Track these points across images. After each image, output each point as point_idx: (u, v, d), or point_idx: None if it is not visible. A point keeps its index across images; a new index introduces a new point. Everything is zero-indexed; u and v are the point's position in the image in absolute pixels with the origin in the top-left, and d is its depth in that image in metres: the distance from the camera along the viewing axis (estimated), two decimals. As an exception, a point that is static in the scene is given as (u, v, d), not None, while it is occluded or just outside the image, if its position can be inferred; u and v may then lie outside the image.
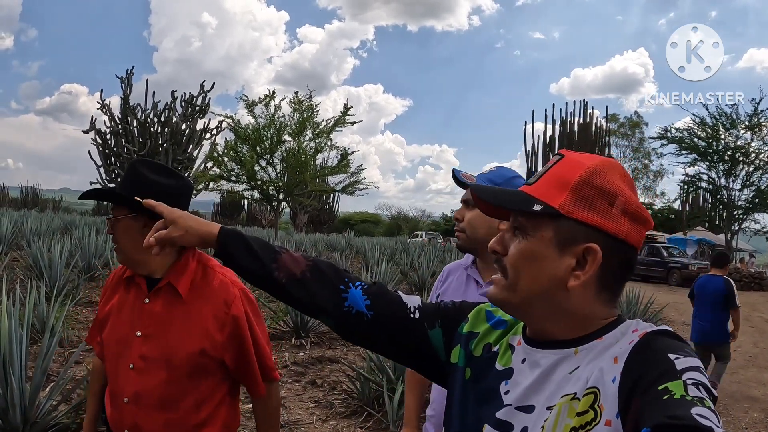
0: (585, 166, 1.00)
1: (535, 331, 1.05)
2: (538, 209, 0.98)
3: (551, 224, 0.98)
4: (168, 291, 1.89)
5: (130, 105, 16.68)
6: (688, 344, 0.90)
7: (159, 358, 1.83)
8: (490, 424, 1.02)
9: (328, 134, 27.00)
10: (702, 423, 0.71)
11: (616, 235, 0.97)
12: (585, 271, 0.96)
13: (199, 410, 1.87)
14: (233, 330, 1.87)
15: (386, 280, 11.69)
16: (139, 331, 1.86)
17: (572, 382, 0.94)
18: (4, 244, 13.37)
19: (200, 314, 1.86)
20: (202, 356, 1.84)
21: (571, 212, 0.97)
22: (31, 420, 3.93)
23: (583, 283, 0.97)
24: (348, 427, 5.02)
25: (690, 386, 0.78)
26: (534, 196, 1.00)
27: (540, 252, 0.98)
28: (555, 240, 0.98)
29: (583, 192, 0.98)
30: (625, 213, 0.98)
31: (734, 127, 34.76)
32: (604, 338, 0.96)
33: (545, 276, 0.98)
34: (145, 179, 1.88)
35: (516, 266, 1.00)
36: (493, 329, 1.16)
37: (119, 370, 1.89)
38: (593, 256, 0.96)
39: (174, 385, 1.83)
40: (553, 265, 0.98)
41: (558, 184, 1.00)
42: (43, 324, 6.32)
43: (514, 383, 1.03)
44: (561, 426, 0.90)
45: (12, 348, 3.89)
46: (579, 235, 0.97)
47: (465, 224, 2.04)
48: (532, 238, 0.99)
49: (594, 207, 0.97)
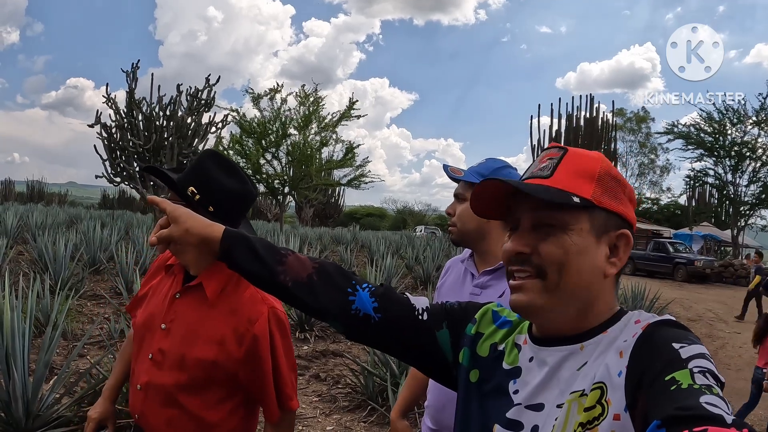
0: (599, 158, 1.04)
1: (542, 329, 1.04)
2: (577, 201, 0.98)
3: (585, 215, 0.99)
4: (198, 291, 1.83)
5: (136, 99, 16.65)
6: (692, 332, 0.89)
7: (174, 356, 1.80)
8: (500, 423, 1.02)
9: (333, 128, 27.02)
10: (712, 411, 0.70)
11: (631, 221, 1.04)
12: (620, 257, 1.01)
13: (206, 413, 1.82)
14: (251, 348, 1.78)
15: (391, 274, 11.69)
16: (164, 323, 1.84)
17: (580, 378, 0.93)
18: (10, 238, 13.40)
19: (222, 324, 1.80)
20: (214, 366, 1.78)
21: (602, 202, 1.00)
22: (34, 413, 3.94)
23: (616, 270, 1.01)
24: (351, 421, 5.02)
25: (697, 374, 0.77)
26: (565, 189, 0.99)
27: (582, 244, 0.99)
28: (592, 230, 0.99)
29: (606, 182, 1.02)
30: (631, 201, 1.05)
31: (741, 122, 34.67)
32: (609, 332, 0.96)
33: (588, 268, 0.99)
34: (206, 173, 1.85)
35: (560, 262, 0.98)
36: (499, 329, 1.15)
37: (140, 356, 1.89)
38: (626, 242, 1.01)
39: (182, 385, 1.79)
40: (594, 255, 0.99)
41: (582, 176, 1.01)
42: (47, 318, 6.34)
43: (522, 382, 1.03)
44: (572, 422, 0.90)
45: (14, 341, 3.90)
46: (610, 224, 1.00)
47: (456, 218, 2.03)
48: (571, 232, 0.98)
49: (615, 196, 1.02)
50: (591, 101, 28.10)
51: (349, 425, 4.94)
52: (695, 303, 16.07)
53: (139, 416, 1.86)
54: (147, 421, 1.85)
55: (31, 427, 3.89)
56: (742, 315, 13.93)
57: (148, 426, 1.85)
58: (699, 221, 37.72)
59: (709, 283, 24.87)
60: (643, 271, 26.08)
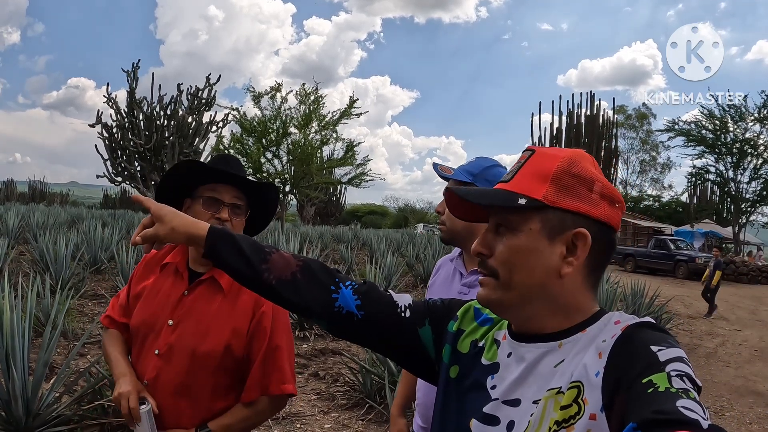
0: (560, 157, 1.03)
1: (520, 326, 1.05)
2: (523, 203, 0.99)
3: (537, 216, 0.99)
4: (209, 286, 1.92)
5: (137, 98, 16.68)
6: (671, 335, 0.90)
7: (184, 349, 1.85)
8: (477, 418, 1.03)
9: (334, 126, 27.01)
10: (688, 416, 0.71)
11: (600, 219, 1.00)
12: (577, 256, 0.98)
13: (214, 402, 1.89)
14: (256, 325, 1.89)
15: (392, 272, 11.70)
16: (171, 320, 1.89)
17: (557, 375, 0.94)
18: (11, 238, 13.43)
19: (234, 312, 1.89)
20: (226, 354, 1.86)
21: (556, 201, 0.99)
22: (34, 412, 3.96)
23: (575, 269, 0.99)
24: (349, 419, 5.04)
25: (674, 378, 0.78)
26: (515, 191, 1.01)
27: (530, 245, 0.99)
28: (544, 231, 0.99)
29: (564, 181, 1.00)
30: (603, 197, 1.01)
31: (743, 119, 34.61)
32: (588, 330, 0.97)
33: (539, 268, 0.99)
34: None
35: (508, 263, 1.00)
36: (480, 326, 1.16)
37: (143, 353, 1.92)
38: (583, 241, 0.98)
39: (194, 375, 1.85)
40: (544, 255, 0.99)
41: (537, 177, 1.01)
42: (48, 317, 6.37)
43: (500, 378, 1.04)
44: (547, 419, 0.90)
45: (14, 340, 3.92)
46: (566, 223, 0.99)
47: (445, 217, 2.06)
48: (520, 233, 1.00)
49: (575, 194, 1.00)
50: (592, 98, 28.11)
51: (347, 423, 4.96)
52: (696, 300, 16.03)
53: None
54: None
55: (31, 426, 3.90)
56: (710, 311, 13.74)
57: (156, 418, 1.88)
58: (700, 218, 37.72)
59: (711, 281, 24.83)
60: (644, 268, 26.07)
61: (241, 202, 1.94)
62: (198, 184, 1.93)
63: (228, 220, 1.89)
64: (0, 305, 3.99)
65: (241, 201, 1.94)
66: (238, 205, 1.93)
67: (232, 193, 1.92)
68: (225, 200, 1.90)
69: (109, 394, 4.28)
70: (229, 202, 1.91)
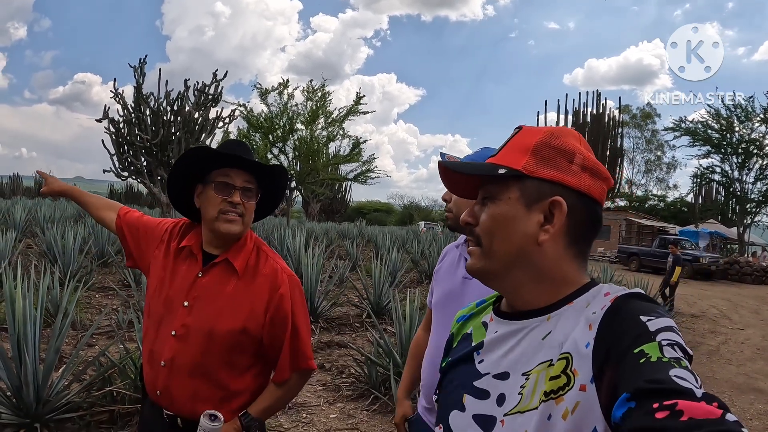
0: (542, 131, 1.07)
1: (511, 302, 1.08)
2: (502, 172, 1.03)
3: (516, 185, 1.02)
4: (223, 267, 1.98)
5: (143, 94, 16.70)
6: (661, 305, 0.91)
7: (201, 329, 1.91)
8: (468, 393, 1.06)
9: (340, 123, 27.04)
10: (682, 385, 0.71)
11: (579, 189, 1.02)
12: (553, 224, 1.00)
13: (230, 382, 1.96)
14: (277, 310, 1.95)
15: (397, 268, 11.74)
16: (186, 301, 1.95)
17: (546, 348, 0.95)
18: (18, 231, 13.52)
19: (250, 293, 1.95)
20: (243, 333, 1.92)
21: (534, 171, 1.02)
22: (44, 399, 4.02)
23: (553, 237, 1.01)
24: (354, 410, 5.10)
25: (665, 347, 0.78)
26: (498, 163, 1.05)
27: (509, 212, 1.02)
28: (522, 199, 1.02)
29: (543, 153, 1.03)
30: (585, 169, 1.03)
31: (749, 119, 34.54)
32: (574, 302, 0.98)
33: (517, 235, 1.01)
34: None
35: (488, 231, 1.04)
36: (477, 314, 1.21)
37: (160, 334, 1.98)
38: (559, 209, 1.00)
39: (209, 355, 1.91)
40: (522, 222, 1.01)
41: (519, 150, 1.05)
42: (56, 308, 6.44)
43: (487, 353, 1.07)
44: (539, 392, 0.91)
45: (26, 328, 3.99)
46: (544, 192, 1.01)
47: (452, 205, 2.15)
48: (500, 201, 1.03)
49: (554, 164, 1.02)
50: (598, 97, 28.10)
51: (353, 413, 5.02)
52: (699, 299, 16.08)
53: (162, 392, 1.95)
54: (170, 395, 1.94)
55: (41, 412, 3.96)
56: (670, 308, 13.54)
57: (171, 400, 1.95)
58: (705, 218, 37.63)
59: (714, 281, 24.84)
60: (648, 267, 26.06)
61: (251, 185, 1.99)
62: (209, 170, 1.98)
63: (240, 203, 1.94)
64: (12, 294, 4.06)
65: (252, 185, 1.99)
66: (249, 189, 1.98)
67: (243, 178, 1.96)
68: (237, 184, 1.95)
69: (118, 381, 4.36)
70: (241, 186, 1.95)
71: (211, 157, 1.98)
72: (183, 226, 2.12)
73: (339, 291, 10.13)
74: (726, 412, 0.67)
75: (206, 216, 1.97)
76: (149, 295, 2.07)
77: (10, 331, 4.00)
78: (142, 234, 2.18)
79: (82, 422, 4.11)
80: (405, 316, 5.72)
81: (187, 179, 2.04)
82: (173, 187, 2.09)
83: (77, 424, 4.10)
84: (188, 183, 2.04)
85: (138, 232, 2.19)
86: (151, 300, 2.06)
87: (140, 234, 2.18)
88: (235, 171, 1.96)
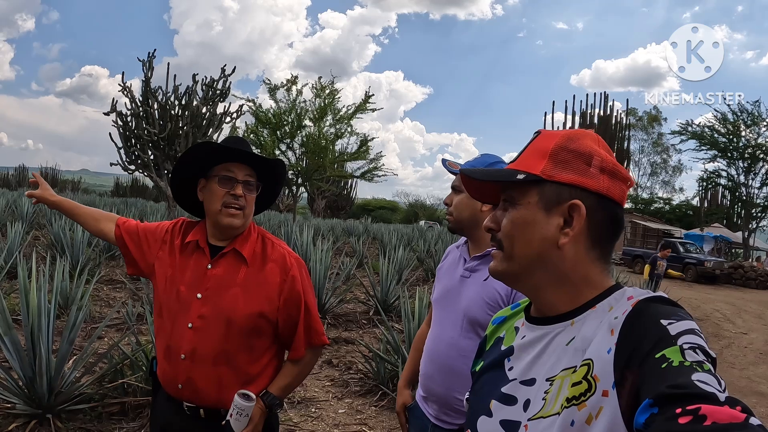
0: (560, 135, 1.09)
1: (537, 305, 1.10)
2: (521, 178, 1.05)
3: (535, 190, 1.05)
4: (231, 257, 2.08)
5: (151, 88, 16.72)
6: (683, 308, 0.90)
7: (219, 318, 2.00)
8: (496, 398, 1.08)
9: (348, 120, 27.03)
10: (704, 389, 0.71)
11: (598, 191, 1.03)
12: (572, 227, 1.02)
13: (250, 366, 2.05)
14: (290, 292, 2.06)
15: (403, 266, 11.77)
16: (199, 293, 2.03)
17: (570, 353, 0.96)
18: (26, 223, 13.57)
19: (262, 279, 2.05)
20: (260, 317, 2.02)
21: (552, 176, 1.04)
22: (56, 389, 4.07)
23: (573, 239, 1.02)
24: (362, 405, 5.15)
25: (687, 351, 0.78)
26: (517, 169, 1.08)
27: (528, 217, 1.04)
28: (541, 203, 1.04)
29: (561, 156, 1.05)
30: (603, 171, 1.04)
31: (755, 123, 34.48)
32: (597, 307, 0.99)
33: (537, 238, 1.03)
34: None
35: (509, 235, 1.06)
36: (511, 316, 1.23)
37: (176, 329, 2.04)
38: (578, 212, 1.01)
39: (230, 342, 2.00)
40: (542, 226, 1.03)
41: (537, 154, 1.08)
42: (67, 300, 6.49)
43: (516, 359, 1.09)
44: (561, 398, 0.92)
45: (40, 320, 4.03)
46: (563, 196, 1.03)
47: (453, 208, 2.24)
48: (519, 206, 1.06)
49: (572, 168, 1.04)
50: (605, 99, 28.08)
51: (360, 409, 5.06)
52: (703, 303, 16.07)
53: (184, 384, 2.02)
54: (194, 386, 2.01)
55: (54, 403, 4.01)
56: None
57: (195, 391, 2.01)
58: (710, 222, 37.58)
59: (719, 284, 24.80)
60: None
61: (252, 178, 2.08)
62: (212, 165, 2.06)
63: (242, 195, 2.03)
64: (26, 286, 4.10)
65: (253, 178, 2.08)
66: (250, 182, 2.07)
67: (244, 171, 2.06)
68: (239, 177, 2.04)
69: (129, 374, 4.40)
70: (243, 179, 2.05)
71: (213, 152, 2.07)
72: (183, 225, 2.21)
73: (346, 288, 10.16)
74: (750, 416, 0.67)
75: (210, 209, 2.06)
76: (158, 293, 2.14)
77: (24, 322, 4.04)
78: (143, 238, 2.26)
79: (94, 413, 4.16)
80: (414, 314, 5.75)
81: (190, 174, 2.12)
82: (176, 182, 2.17)
83: (89, 415, 4.15)
84: (191, 178, 2.13)
85: (138, 237, 2.26)
86: (161, 298, 2.12)
87: (141, 238, 2.26)
88: (236, 165, 2.05)
